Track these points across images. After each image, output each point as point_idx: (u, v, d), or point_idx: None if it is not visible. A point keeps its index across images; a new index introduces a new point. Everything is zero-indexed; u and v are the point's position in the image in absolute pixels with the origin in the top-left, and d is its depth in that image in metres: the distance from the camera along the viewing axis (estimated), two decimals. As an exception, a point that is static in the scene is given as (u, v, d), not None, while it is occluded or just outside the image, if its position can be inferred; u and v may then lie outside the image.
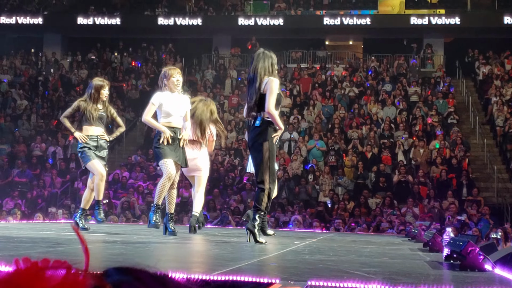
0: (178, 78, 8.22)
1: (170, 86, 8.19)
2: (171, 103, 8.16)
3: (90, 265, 1.42)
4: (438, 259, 5.41)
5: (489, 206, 17.55)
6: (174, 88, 8.20)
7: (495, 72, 25.16)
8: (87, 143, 9.09)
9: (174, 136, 8.13)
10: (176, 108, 8.18)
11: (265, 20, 29.54)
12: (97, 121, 9.29)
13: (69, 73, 28.44)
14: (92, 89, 9.28)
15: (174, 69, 8.36)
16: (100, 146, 9.18)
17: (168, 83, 8.18)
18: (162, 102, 8.13)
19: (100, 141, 9.20)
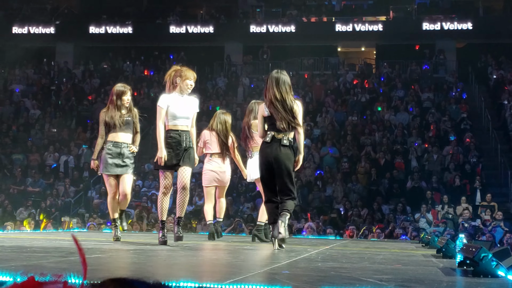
0: (192, 83, 7.79)
1: (181, 87, 7.76)
2: (178, 105, 7.76)
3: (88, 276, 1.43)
4: (451, 265, 5.38)
5: (503, 211, 17.44)
6: (185, 91, 7.78)
7: (508, 77, 25.05)
8: (110, 149, 8.69)
9: (179, 139, 7.76)
10: (183, 110, 7.79)
11: (277, 27, 29.57)
12: (123, 127, 8.86)
13: (82, 82, 28.56)
14: (114, 96, 9.01)
15: (191, 72, 7.86)
16: (123, 154, 8.81)
17: (181, 83, 7.74)
18: (169, 104, 7.76)
19: (124, 148, 8.81)
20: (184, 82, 7.71)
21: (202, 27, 30.08)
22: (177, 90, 7.78)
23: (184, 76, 7.72)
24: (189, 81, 7.73)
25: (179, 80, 7.72)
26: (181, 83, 7.73)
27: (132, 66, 29.40)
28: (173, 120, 7.80)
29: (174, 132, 7.78)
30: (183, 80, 7.71)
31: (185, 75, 7.73)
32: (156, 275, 4.03)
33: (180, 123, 7.82)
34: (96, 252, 6.09)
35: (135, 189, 20.24)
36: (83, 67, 29.90)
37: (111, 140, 8.74)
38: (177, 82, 7.74)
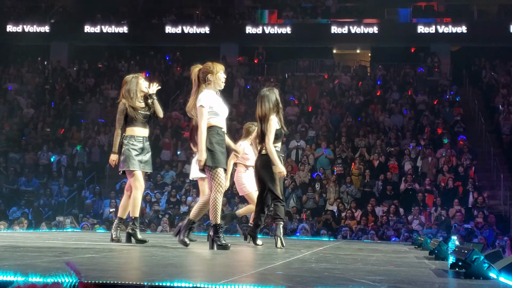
0: (224, 75, 7.45)
1: (216, 83, 7.29)
2: (219, 102, 7.29)
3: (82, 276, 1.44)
4: (444, 267, 5.42)
5: (495, 214, 17.51)
6: (219, 85, 7.34)
7: (502, 81, 25.15)
8: (134, 144, 8.34)
9: (222, 137, 7.23)
10: (223, 108, 7.33)
11: (273, 28, 29.61)
12: (142, 121, 8.51)
13: (76, 82, 28.53)
14: (129, 85, 8.46)
15: (220, 65, 7.45)
16: (145, 148, 8.48)
17: (214, 78, 7.26)
18: (211, 104, 7.17)
19: (145, 143, 8.49)
20: (216, 76, 7.29)
21: (198, 27, 30.10)
22: (211, 87, 7.29)
23: (215, 70, 7.29)
24: (220, 74, 7.33)
25: (211, 76, 7.26)
26: (215, 79, 7.28)
27: (127, 66, 29.38)
28: (217, 118, 7.21)
29: (220, 130, 7.23)
30: (215, 74, 7.28)
31: (217, 69, 7.32)
32: (150, 275, 4.06)
33: (222, 122, 7.32)
34: (89, 252, 6.11)
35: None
36: (77, 66, 29.87)
37: (131, 135, 8.40)
38: (209, 78, 7.25)
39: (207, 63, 7.41)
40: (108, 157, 8.89)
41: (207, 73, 7.26)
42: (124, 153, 8.29)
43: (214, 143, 7.04)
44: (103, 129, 24.01)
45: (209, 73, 7.25)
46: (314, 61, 29.23)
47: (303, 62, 29.24)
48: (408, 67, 27.40)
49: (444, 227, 16.45)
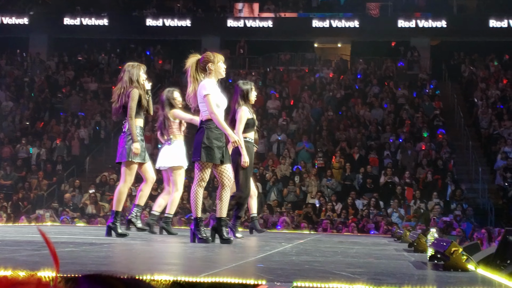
0: (225, 65, 7.24)
1: (217, 72, 7.11)
2: (218, 92, 7.08)
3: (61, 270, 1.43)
4: (423, 259, 5.46)
5: (474, 207, 17.67)
6: (220, 74, 7.16)
7: (480, 75, 25.35)
8: (141, 135, 8.13)
9: (221, 131, 7.02)
10: (223, 100, 7.14)
11: (254, 22, 29.61)
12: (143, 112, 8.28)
13: (56, 74, 28.33)
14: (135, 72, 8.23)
15: (221, 55, 7.26)
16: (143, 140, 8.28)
17: (216, 68, 7.08)
18: (214, 91, 6.97)
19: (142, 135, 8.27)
20: (217, 65, 7.09)
21: (179, 20, 30.00)
22: (211, 76, 7.09)
23: (216, 59, 7.10)
24: (221, 64, 7.14)
25: (212, 65, 7.06)
26: (215, 68, 7.08)
27: (108, 58, 29.23)
28: (218, 110, 6.98)
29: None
30: (216, 63, 7.09)
31: (217, 58, 7.12)
32: (130, 269, 4.06)
33: (222, 113, 7.11)
34: (69, 246, 6.09)
35: (109, 182, 20.16)
36: (57, 58, 29.65)
37: (140, 126, 8.16)
38: (210, 68, 7.04)
39: (207, 53, 7.29)
40: (88, 151, 8.83)
41: (208, 62, 7.08)
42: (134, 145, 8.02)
43: (212, 139, 6.91)
44: (83, 122, 23.89)
45: (210, 62, 7.08)
46: (295, 55, 29.27)
47: (284, 56, 29.27)
48: (389, 61, 27.53)
49: (423, 220, 16.58)
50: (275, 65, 28.41)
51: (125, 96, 8.11)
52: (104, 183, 20.21)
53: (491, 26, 28.16)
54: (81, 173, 22.10)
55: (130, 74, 8.19)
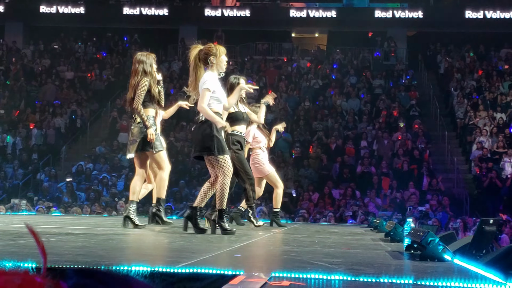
0: (226, 58, 7.15)
1: (218, 66, 7.00)
2: (221, 87, 7.04)
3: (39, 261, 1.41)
4: (399, 249, 5.50)
5: (449, 196, 17.82)
6: (222, 68, 7.03)
7: (456, 66, 25.52)
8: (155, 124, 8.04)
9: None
10: (224, 95, 7.09)
11: (232, 11, 29.52)
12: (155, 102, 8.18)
13: (31, 63, 28.06)
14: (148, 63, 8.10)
15: (223, 48, 7.13)
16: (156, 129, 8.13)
17: (217, 61, 6.98)
18: (215, 88, 6.90)
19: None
20: (220, 59, 7.00)
21: (156, 9, 29.81)
22: (213, 69, 6.98)
23: (219, 53, 7.00)
24: (223, 57, 7.05)
25: (214, 58, 6.95)
26: (217, 61, 6.98)
27: (84, 47, 29.00)
28: (219, 105, 7.00)
29: (220, 117, 7.01)
30: (218, 57, 6.99)
31: (220, 52, 7.01)
32: (107, 259, 4.04)
33: (221, 108, 7.08)
34: (45, 236, 6.05)
35: (86, 172, 20.05)
36: (33, 47, 29.35)
37: (152, 115, 8.07)
38: (212, 61, 6.94)
39: (209, 44, 7.20)
40: (64, 139, 8.72)
41: (210, 55, 6.98)
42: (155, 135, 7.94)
43: (219, 131, 6.90)
44: (59, 111, 23.71)
45: (212, 55, 6.97)
46: (273, 45, 29.24)
47: (262, 46, 29.23)
48: (365, 51, 27.62)
49: (399, 210, 16.69)
50: (252, 55, 28.37)
51: (136, 86, 8.02)
52: (80, 172, 20.10)
53: (467, 17, 28.34)
54: (57, 162, 21.95)
55: (145, 65, 8.09)
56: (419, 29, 29.90)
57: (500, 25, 28.19)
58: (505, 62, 25.57)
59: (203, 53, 7.03)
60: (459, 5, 29.27)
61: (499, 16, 28.16)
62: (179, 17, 29.75)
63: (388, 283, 3.20)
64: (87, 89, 26.02)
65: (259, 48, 29.19)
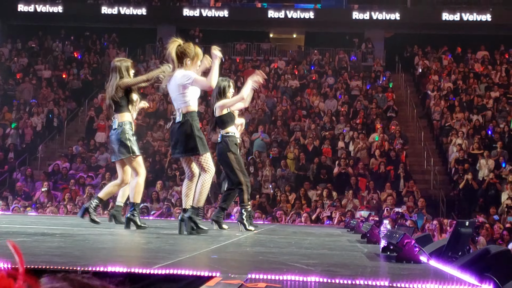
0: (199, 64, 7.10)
1: (191, 68, 7.01)
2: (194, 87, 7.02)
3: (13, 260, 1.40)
4: (376, 250, 5.53)
5: (425, 198, 17.94)
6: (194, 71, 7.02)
7: (433, 67, 25.72)
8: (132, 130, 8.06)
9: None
10: (198, 92, 7.10)
11: (210, 11, 29.51)
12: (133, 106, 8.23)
13: (9, 61, 27.84)
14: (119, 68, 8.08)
15: (201, 53, 7.12)
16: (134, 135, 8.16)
17: (192, 63, 7.02)
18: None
19: None
20: (195, 64, 7.06)
21: (134, 8, 29.71)
22: (188, 69, 7.01)
23: (195, 55, 7.03)
24: (200, 61, 7.07)
25: (189, 61, 7.01)
26: (191, 64, 7.02)
27: (62, 46, 28.82)
28: (195, 100, 7.05)
29: (195, 115, 7.03)
30: (193, 62, 7.04)
31: (197, 54, 7.04)
32: (84, 260, 4.02)
33: (195, 102, 7.11)
34: (21, 236, 6.01)
35: (62, 171, 19.92)
36: (10, 45, 29.12)
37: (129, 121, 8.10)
38: (187, 63, 7.00)
39: (189, 44, 7.17)
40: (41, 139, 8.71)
41: (186, 56, 7.02)
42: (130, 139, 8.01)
43: (200, 130, 6.97)
44: (35, 110, 23.54)
45: (188, 58, 7.01)
46: (251, 45, 29.28)
47: (240, 46, 29.25)
48: (342, 52, 27.74)
49: (376, 211, 16.76)
50: (230, 55, 28.38)
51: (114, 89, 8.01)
52: (57, 172, 19.97)
53: (444, 19, 28.57)
54: (33, 161, 21.79)
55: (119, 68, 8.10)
56: (396, 31, 30.08)
57: (476, 27, 28.47)
58: (481, 64, 25.80)
59: (180, 51, 7.02)
60: (436, 7, 29.51)
61: (475, 18, 28.41)
62: (157, 16, 29.71)
63: (363, 285, 3.22)
64: (64, 88, 25.86)
65: (237, 48, 29.21)
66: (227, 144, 8.36)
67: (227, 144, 8.36)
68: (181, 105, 6.99)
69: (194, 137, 6.83)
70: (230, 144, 8.40)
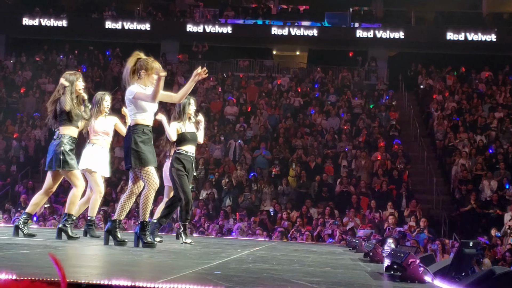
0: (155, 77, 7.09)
1: (146, 81, 7.15)
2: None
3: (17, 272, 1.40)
4: (379, 269, 5.51)
5: (427, 218, 17.88)
6: (150, 85, 7.15)
7: (437, 87, 25.72)
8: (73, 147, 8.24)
9: (148, 136, 7.15)
10: (152, 105, 7.19)
11: (214, 27, 29.60)
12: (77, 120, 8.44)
13: (13, 74, 27.91)
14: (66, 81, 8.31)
15: (157, 65, 7.24)
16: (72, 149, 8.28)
17: (146, 76, 7.17)
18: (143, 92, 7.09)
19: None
20: (150, 76, 7.16)
21: (138, 23, 29.84)
22: (141, 83, 7.15)
23: (150, 68, 7.15)
24: (155, 75, 7.11)
25: (144, 73, 7.14)
26: (146, 77, 7.16)
27: (66, 60, 28.91)
28: (143, 113, 7.12)
29: (147, 128, 7.14)
30: (149, 74, 7.15)
31: (152, 67, 7.15)
32: (87, 274, 4.01)
33: (150, 118, 7.23)
34: (24, 248, 6.00)
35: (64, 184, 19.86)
36: (14, 59, 29.22)
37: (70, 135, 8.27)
38: (142, 75, 7.14)
39: (148, 58, 7.30)
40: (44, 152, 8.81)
41: (141, 68, 7.17)
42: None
43: (139, 143, 7.05)
44: (39, 123, 23.57)
45: (143, 69, 7.16)
46: (254, 62, 29.34)
47: (243, 62, 29.33)
48: (345, 70, 27.77)
49: (377, 230, 16.71)
50: (233, 71, 28.44)
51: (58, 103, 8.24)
52: (59, 185, 19.90)
53: (448, 38, 28.61)
54: (35, 174, 21.78)
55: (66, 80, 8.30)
56: (400, 50, 30.14)
57: (481, 47, 28.50)
58: (485, 85, 25.81)
59: (139, 64, 7.22)
60: (441, 26, 29.57)
61: (480, 38, 28.46)
62: (161, 32, 29.80)
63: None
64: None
65: (240, 65, 29.29)
66: (173, 160, 8.76)
67: (173, 160, 8.76)
68: (130, 118, 7.28)
69: (130, 150, 7.01)
70: (176, 161, 8.72)
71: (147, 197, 7.09)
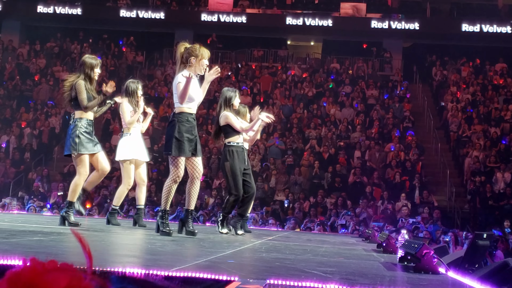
0: (207, 62, 7.25)
1: (197, 68, 7.19)
2: (195, 87, 7.17)
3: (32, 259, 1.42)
4: (392, 260, 5.50)
5: (440, 209, 17.85)
6: (200, 71, 7.22)
7: (452, 78, 25.59)
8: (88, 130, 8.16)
9: (194, 124, 7.20)
10: (199, 94, 7.25)
11: (228, 17, 29.53)
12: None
13: (27, 62, 28.01)
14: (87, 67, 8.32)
15: (207, 51, 7.31)
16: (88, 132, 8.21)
17: (197, 64, 7.18)
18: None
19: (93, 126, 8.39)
20: (200, 62, 7.19)
21: (153, 12, 29.81)
22: (191, 70, 7.15)
23: (200, 54, 7.18)
24: (205, 60, 7.21)
25: (194, 59, 7.17)
26: (196, 63, 7.19)
27: (80, 48, 28.95)
28: (190, 102, 7.13)
29: (191, 116, 7.16)
30: (199, 60, 7.18)
31: (201, 54, 7.19)
32: (101, 261, 4.02)
33: (195, 107, 7.26)
34: (37, 235, 6.03)
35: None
36: (29, 46, 29.30)
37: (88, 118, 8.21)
38: (192, 61, 7.16)
39: (195, 45, 7.34)
40: (58, 139, 8.81)
41: (191, 55, 7.18)
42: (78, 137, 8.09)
43: (183, 132, 7.05)
44: (53, 111, 23.66)
45: (193, 56, 7.17)
46: (268, 51, 29.29)
47: (257, 52, 29.28)
48: (360, 61, 27.67)
49: (390, 221, 16.69)
50: (247, 61, 28.40)
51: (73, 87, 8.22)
52: (73, 173, 19.98)
53: (463, 30, 28.41)
54: (49, 162, 21.89)
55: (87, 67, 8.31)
56: (415, 41, 29.99)
57: (496, 39, 28.30)
58: (500, 77, 25.65)
59: (187, 52, 7.22)
60: (456, 18, 29.39)
61: (495, 30, 28.24)
62: (175, 21, 29.77)
63: (383, 294, 3.20)
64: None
65: (255, 55, 29.24)
66: (225, 155, 8.66)
67: (225, 154, 8.66)
68: (175, 105, 7.26)
69: (172, 138, 7.02)
70: (229, 154, 8.64)
71: (170, 187, 7.09)
